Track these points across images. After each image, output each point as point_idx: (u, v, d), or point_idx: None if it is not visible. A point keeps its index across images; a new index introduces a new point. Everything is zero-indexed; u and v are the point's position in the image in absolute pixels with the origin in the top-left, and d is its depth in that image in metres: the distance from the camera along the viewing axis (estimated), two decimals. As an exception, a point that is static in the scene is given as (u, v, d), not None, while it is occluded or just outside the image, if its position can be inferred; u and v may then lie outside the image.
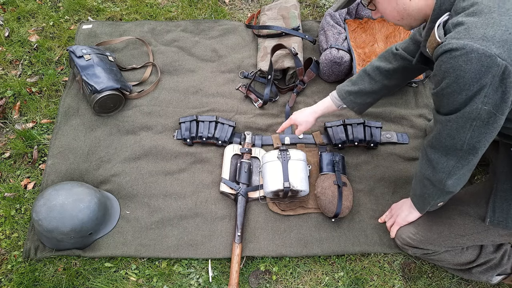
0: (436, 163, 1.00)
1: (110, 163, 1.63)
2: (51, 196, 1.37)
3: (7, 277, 1.42)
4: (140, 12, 2.12)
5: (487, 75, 0.76)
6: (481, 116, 0.83)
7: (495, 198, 1.15)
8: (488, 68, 0.75)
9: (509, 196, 1.13)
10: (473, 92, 0.80)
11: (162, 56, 1.93)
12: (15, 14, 2.07)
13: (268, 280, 1.45)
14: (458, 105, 0.84)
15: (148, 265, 1.46)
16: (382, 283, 1.46)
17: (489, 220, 1.15)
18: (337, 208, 1.44)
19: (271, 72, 1.76)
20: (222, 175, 1.59)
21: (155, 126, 1.72)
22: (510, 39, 0.74)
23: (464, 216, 1.21)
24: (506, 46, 0.74)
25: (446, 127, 0.91)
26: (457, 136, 0.90)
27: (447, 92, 0.84)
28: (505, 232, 1.16)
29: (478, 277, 1.38)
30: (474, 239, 1.23)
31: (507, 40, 0.74)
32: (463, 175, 1.01)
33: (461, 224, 1.22)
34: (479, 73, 0.76)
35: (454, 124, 0.89)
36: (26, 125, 1.73)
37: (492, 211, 1.15)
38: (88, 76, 1.64)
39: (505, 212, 1.12)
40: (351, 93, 1.36)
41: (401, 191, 1.61)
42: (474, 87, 0.79)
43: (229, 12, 2.16)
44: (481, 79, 0.77)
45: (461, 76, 0.79)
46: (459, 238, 1.24)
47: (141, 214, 1.53)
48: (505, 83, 0.77)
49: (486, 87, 0.78)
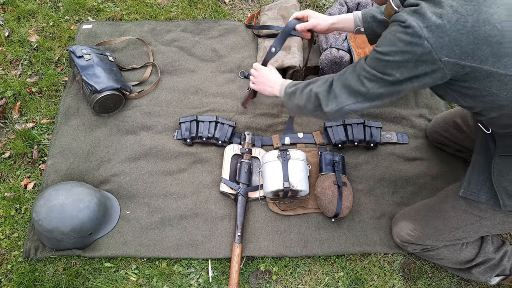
0: (335, 95, 1.07)
1: (110, 163, 1.63)
2: (51, 196, 1.37)
3: (7, 277, 1.42)
4: (140, 12, 2.12)
5: (412, 51, 0.85)
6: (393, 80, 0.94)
7: (472, 171, 1.16)
8: (415, 45, 0.84)
9: (484, 168, 1.12)
10: (396, 59, 0.90)
11: (162, 56, 1.93)
12: (15, 14, 2.07)
13: (268, 280, 1.45)
14: (378, 67, 0.95)
15: (148, 265, 1.46)
16: (382, 283, 1.46)
17: (462, 191, 1.15)
18: (337, 208, 1.45)
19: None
20: (222, 175, 1.59)
21: (155, 126, 1.72)
22: (441, 26, 0.81)
23: (457, 209, 1.22)
24: (436, 33, 0.81)
25: (362, 74, 1.00)
26: (368, 85, 0.99)
27: (379, 52, 0.94)
28: (497, 220, 1.15)
29: (477, 277, 1.38)
30: (469, 231, 1.23)
31: (439, 26, 0.81)
32: (347, 113, 1.09)
33: (454, 217, 1.23)
34: (407, 45, 0.86)
35: (371, 77, 0.98)
36: (26, 125, 1.73)
37: (467, 182, 1.15)
38: (88, 76, 1.64)
39: (480, 184, 1.12)
40: (375, 19, 1.30)
41: (401, 191, 1.62)
42: (398, 56, 0.89)
43: (229, 12, 2.16)
44: (407, 51, 0.86)
45: (394, 42, 0.88)
46: (454, 231, 1.25)
47: (141, 214, 1.53)
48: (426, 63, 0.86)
49: (409, 61, 0.88)
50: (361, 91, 1.01)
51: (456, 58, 0.83)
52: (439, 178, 1.65)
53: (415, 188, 1.62)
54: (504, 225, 1.17)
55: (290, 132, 1.73)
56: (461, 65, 0.84)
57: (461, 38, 0.80)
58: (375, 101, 1.02)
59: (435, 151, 1.71)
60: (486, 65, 0.83)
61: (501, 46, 0.80)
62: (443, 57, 0.83)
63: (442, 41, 0.81)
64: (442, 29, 0.80)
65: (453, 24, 0.80)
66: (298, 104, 1.20)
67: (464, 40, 0.81)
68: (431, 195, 1.60)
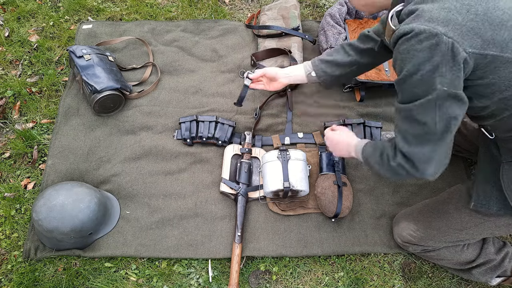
0: (412, 156, 0.95)
1: (110, 163, 1.63)
2: (51, 196, 1.37)
3: (7, 277, 1.42)
4: (140, 12, 2.12)
5: (437, 53, 0.80)
6: (442, 96, 0.85)
7: (478, 181, 1.14)
8: (437, 46, 0.79)
9: (490, 177, 1.11)
10: (427, 70, 0.83)
11: (162, 56, 1.93)
12: (15, 14, 2.07)
13: (268, 280, 1.45)
14: (418, 91, 0.87)
15: (148, 265, 1.46)
16: (382, 283, 1.46)
17: (473, 204, 1.13)
18: (337, 208, 1.45)
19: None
20: (222, 175, 1.59)
21: (155, 126, 1.72)
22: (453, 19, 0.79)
23: (460, 210, 1.22)
24: (451, 26, 0.79)
25: (412, 116, 0.91)
26: (427, 120, 0.89)
27: (405, 76, 0.87)
28: (502, 222, 1.15)
29: (478, 278, 1.38)
30: (472, 233, 1.23)
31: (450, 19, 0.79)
32: (441, 159, 0.97)
33: (457, 218, 1.22)
34: (430, 51, 0.80)
35: (420, 109, 0.89)
36: (26, 125, 1.73)
37: (476, 194, 1.13)
38: (88, 76, 1.64)
39: (488, 194, 1.10)
40: (323, 61, 1.39)
41: (401, 191, 1.62)
42: (427, 66, 0.82)
43: (229, 12, 2.16)
44: (432, 57, 0.81)
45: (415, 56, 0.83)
46: (457, 232, 1.25)
47: (141, 214, 1.53)
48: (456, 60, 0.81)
49: (440, 66, 0.82)
50: (425, 130, 0.90)
51: (479, 48, 0.81)
52: (439, 178, 1.61)
53: (415, 188, 1.62)
54: (508, 227, 1.17)
55: (290, 132, 1.72)
56: (484, 55, 0.81)
57: (478, 26, 0.79)
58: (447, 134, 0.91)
59: (435, 151, 1.71)
60: (507, 52, 0.81)
61: None
62: (468, 48, 0.80)
63: (461, 32, 0.79)
64: (455, 21, 0.80)
65: (465, 15, 0.79)
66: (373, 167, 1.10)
67: (482, 28, 0.79)
68: (431, 195, 1.60)
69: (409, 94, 0.89)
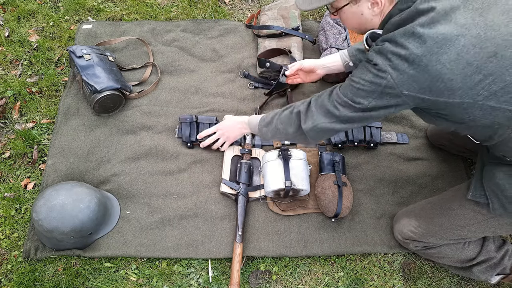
0: (312, 114, 1.16)
1: (110, 163, 1.63)
2: (51, 196, 1.37)
3: (7, 277, 1.42)
4: (140, 12, 2.12)
5: (377, 83, 0.97)
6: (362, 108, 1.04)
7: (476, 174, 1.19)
8: (380, 78, 0.96)
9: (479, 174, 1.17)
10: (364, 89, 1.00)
11: (162, 56, 1.93)
12: (15, 14, 2.07)
13: (268, 280, 1.45)
14: (351, 94, 1.05)
15: (148, 265, 1.46)
16: (382, 283, 1.46)
17: (470, 194, 1.17)
18: (337, 208, 1.45)
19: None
20: (223, 176, 1.59)
21: (155, 126, 1.72)
22: (401, 64, 0.91)
23: (464, 207, 1.22)
24: (397, 71, 0.92)
25: (336, 99, 1.10)
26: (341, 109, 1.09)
27: (351, 77, 1.06)
28: (505, 220, 1.16)
29: (478, 276, 1.38)
30: (475, 230, 1.23)
31: (398, 64, 0.91)
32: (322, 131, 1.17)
33: (461, 215, 1.23)
34: (373, 78, 0.97)
35: (341, 101, 1.08)
36: (26, 125, 1.73)
37: (474, 187, 1.18)
38: (88, 76, 1.64)
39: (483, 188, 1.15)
40: (360, 51, 1.44)
41: (401, 191, 1.62)
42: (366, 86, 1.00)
43: (229, 12, 2.16)
44: (372, 83, 0.98)
45: (364, 73, 1.01)
46: (460, 229, 1.25)
47: (141, 214, 1.53)
48: (389, 93, 0.97)
49: (372, 93, 0.99)
50: (335, 113, 1.10)
51: (416, 92, 0.93)
52: (439, 178, 1.65)
53: (415, 188, 1.62)
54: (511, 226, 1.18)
55: None
56: (421, 98, 0.94)
57: (418, 75, 0.90)
58: (347, 124, 1.12)
59: (435, 151, 1.71)
60: (443, 97, 0.92)
61: (452, 82, 0.89)
62: (404, 90, 0.94)
63: (402, 78, 0.92)
64: (402, 67, 0.91)
65: (410, 63, 0.90)
66: (277, 127, 1.30)
67: (420, 77, 0.90)
68: (431, 195, 1.60)
69: (345, 90, 1.07)
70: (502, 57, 0.85)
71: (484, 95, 0.88)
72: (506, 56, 0.85)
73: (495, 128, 0.95)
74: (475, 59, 0.86)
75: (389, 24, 0.99)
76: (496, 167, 1.11)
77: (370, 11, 1.04)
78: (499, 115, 0.91)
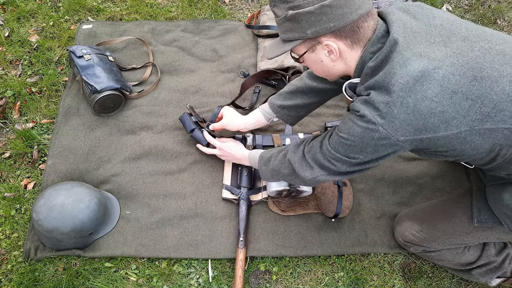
0: (309, 166, 1.13)
1: (110, 163, 1.63)
2: (51, 196, 1.37)
3: (7, 277, 1.42)
4: (140, 12, 2.12)
5: (368, 136, 0.93)
6: (358, 162, 1.02)
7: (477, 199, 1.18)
8: (371, 131, 0.91)
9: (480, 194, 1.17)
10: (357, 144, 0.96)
11: (162, 56, 1.93)
12: (15, 14, 2.07)
13: (268, 280, 1.45)
14: (344, 151, 1.01)
15: (148, 265, 1.46)
16: (382, 283, 1.46)
17: (476, 220, 1.16)
18: (337, 208, 1.45)
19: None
20: (224, 181, 1.58)
21: (155, 126, 1.72)
22: (390, 112, 0.87)
23: (468, 213, 1.21)
24: (387, 118, 0.88)
25: (328, 155, 1.06)
26: (337, 164, 1.06)
27: (339, 132, 1.01)
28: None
29: (478, 278, 1.38)
30: (478, 236, 1.22)
31: (387, 112, 0.87)
32: (323, 181, 1.16)
33: (465, 222, 1.22)
34: (364, 132, 0.93)
35: (334, 157, 1.05)
36: (26, 125, 1.73)
37: (477, 211, 1.17)
38: (88, 76, 1.64)
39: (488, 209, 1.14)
40: (284, 107, 1.41)
41: (401, 191, 1.62)
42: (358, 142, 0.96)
43: (229, 12, 2.16)
44: (364, 138, 0.94)
45: (352, 128, 0.96)
46: (463, 235, 1.24)
47: (141, 214, 1.53)
48: (384, 144, 0.93)
49: (366, 147, 0.95)
50: (332, 168, 1.07)
51: (412, 135, 0.90)
52: (439, 178, 1.65)
53: (415, 188, 1.62)
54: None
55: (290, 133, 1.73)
56: (419, 139, 0.91)
57: (409, 117, 0.87)
58: (347, 175, 1.09)
59: (435, 151, 1.71)
60: (440, 132, 0.89)
61: (445, 113, 0.86)
62: (400, 137, 0.90)
63: (394, 125, 0.88)
64: (391, 114, 0.87)
65: (398, 108, 0.86)
66: (274, 168, 1.26)
67: (412, 119, 0.87)
68: (431, 195, 1.60)
69: (336, 145, 1.03)
70: (482, 79, 0.85)
71: (479, 119, 0.87)
72: (485, 76, 0.85)
73: (497, 150, 0.94)
74: (459, 86, 0.85)
75: (366, 69, 0.95)
76: (502, 189, 1.08)
77: (328, 59, 0.99)
78: (498, 136, 0.90)
